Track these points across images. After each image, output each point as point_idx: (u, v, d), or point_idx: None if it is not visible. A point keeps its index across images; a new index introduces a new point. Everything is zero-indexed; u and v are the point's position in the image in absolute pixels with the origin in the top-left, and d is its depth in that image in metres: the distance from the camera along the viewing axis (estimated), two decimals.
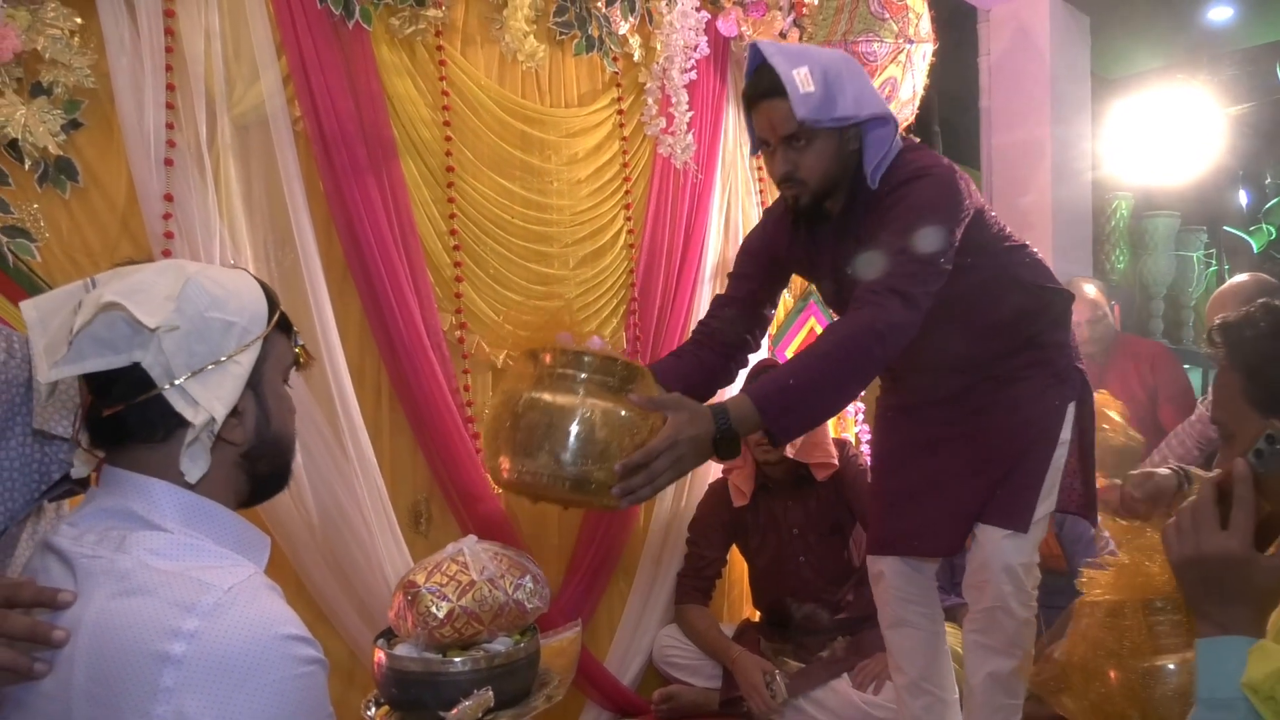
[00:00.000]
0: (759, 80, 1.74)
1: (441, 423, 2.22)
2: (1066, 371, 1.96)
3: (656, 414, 1.45)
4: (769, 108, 1.74)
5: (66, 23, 1.75)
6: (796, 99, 1.68)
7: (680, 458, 1.44)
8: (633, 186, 2.71)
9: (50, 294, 1.02)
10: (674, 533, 2.79)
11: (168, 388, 0.97)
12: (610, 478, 1.40)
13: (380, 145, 2.15)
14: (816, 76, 1.69)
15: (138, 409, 0.97)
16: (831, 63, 1.74)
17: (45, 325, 0.97)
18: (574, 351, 1.48)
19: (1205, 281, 5.69)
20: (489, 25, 2.39)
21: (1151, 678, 1.53)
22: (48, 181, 1.77)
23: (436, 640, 1.81)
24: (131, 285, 0.96)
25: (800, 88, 1.68)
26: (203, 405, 0.97)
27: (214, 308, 1.00)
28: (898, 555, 2.03)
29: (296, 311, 2.05)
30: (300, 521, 2.03)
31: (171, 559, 0.94)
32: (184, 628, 0.87)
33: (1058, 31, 4.26)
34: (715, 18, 2.81)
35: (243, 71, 2.00)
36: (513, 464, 1.44)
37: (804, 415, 1.61)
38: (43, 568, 0.97)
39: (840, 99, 1.71)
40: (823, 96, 1.69)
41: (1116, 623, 1.61)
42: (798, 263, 1.97)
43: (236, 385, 1.00)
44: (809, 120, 1.68)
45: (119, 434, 0.99)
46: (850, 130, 1.75)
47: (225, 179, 1.97)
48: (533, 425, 1.41)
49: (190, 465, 0.99)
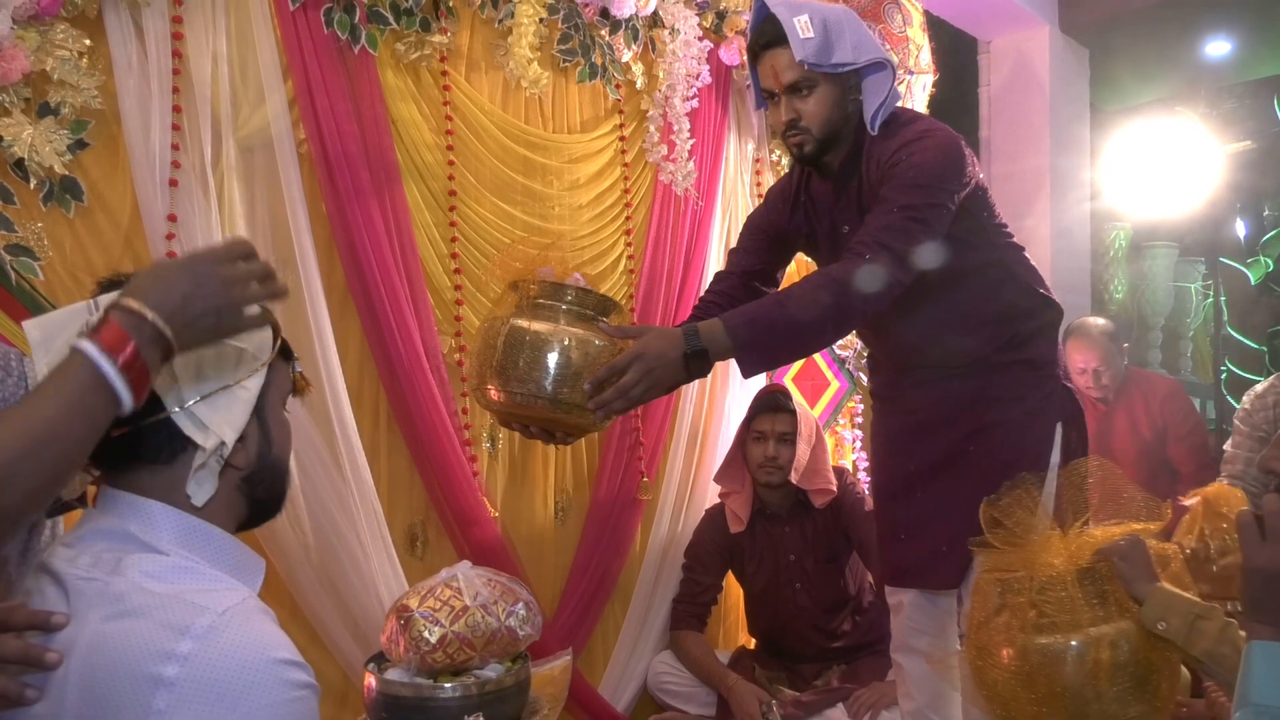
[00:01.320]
0: (762, 31, 1.82)
1: (439, 445, 2.22)
2: (1055, 392, 1.97)
3: (628, 340, 1.58)
4: (772, 57, 1.81)
5: (75, 44, 1.76)
6: (796, 43, 1.75)
7: (649, 370, 1.55)
8: (634, 212, 2.73)
9: (53, 314, 1.02)
10: (669, 558, 2.79)
11: (177, 411, 0.98)
12: (584, 397, 1.54)
13: (383, 168, 2.17)
14: (816, 24, 1.77)
15: (145, 431, 0.98)
16: (831, 12, 1.81)
17: (49, 345, 0.98)
18: (554, 284, 1.62)
19: (1203, 312, 5.71)
20: (494, 51, 2.41)
21: (1046, 655, 1.48)
22: (52, 200, 1.78)
23: (428, 665, 1.80)
24: None
25: (800, 33, 1.75)
26: (212, 429, 0.98)
27: None
28: (914, 588, 2.02)
29: (297, 332, 2.06)
30: (296, 543, 2.03)
31: (167, 581, 0.94)
32: (177, 650, 0.87)
33: (1057, 64, 4.30)
34: (717, 46, 2.84)
35: (249, 94, 2.01)
36: (497, 387, 1.57)
37: (773, 351, 1.67)
38: (37, 589, 0.97)
39: (839, 45, 1.78)
40: (822, 42, 1.76)
41: (1012, 600, 1.57)
42: (798, 234, 2.00)
43: (245, 410, 1.01)
44: (809, 62, 1.75)
45: (123, 455, 0.99)
46: (851, 78, 1.82)
47: (229, 200, 1.98)
48: (514, 350, 1.55)
49: (197, 489, 1.00)
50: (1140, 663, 1.46)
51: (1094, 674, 1.45)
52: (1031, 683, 1.49)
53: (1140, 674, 1.46)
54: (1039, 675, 1.48)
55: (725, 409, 2.93)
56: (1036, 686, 1.48)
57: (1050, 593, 1.52)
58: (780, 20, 1.76)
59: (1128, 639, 1.46)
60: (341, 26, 2.09)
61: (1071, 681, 1.45)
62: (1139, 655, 1.46)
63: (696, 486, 2.87)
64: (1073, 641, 1.47)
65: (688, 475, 2.86)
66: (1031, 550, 1.57)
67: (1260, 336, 5.38)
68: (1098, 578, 1.51)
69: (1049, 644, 1.48)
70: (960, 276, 1.85)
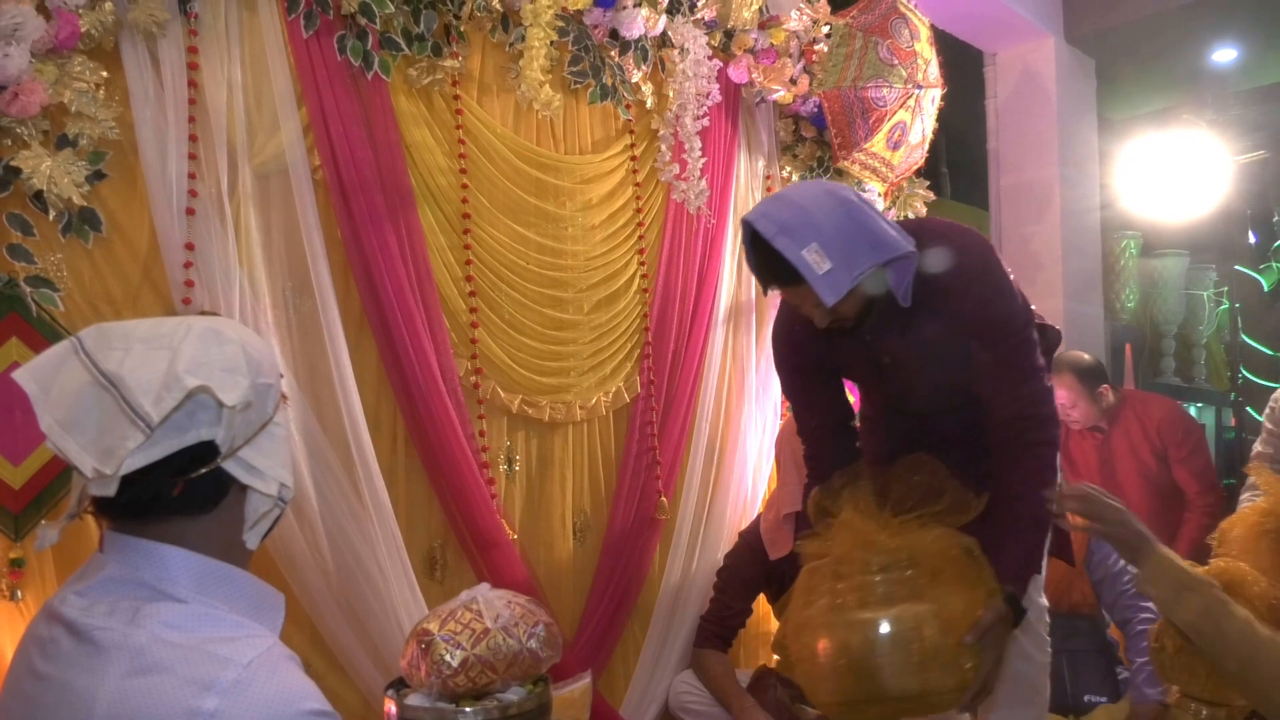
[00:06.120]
0: (773, 269, 1.68)
1: (457, 468, 2.22)
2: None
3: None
4: (792, 293, 1.74)
5: (93, 76, 1.78)
6: (819, 285, 1.61)
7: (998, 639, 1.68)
8: (646, 232, 2.73)
9: (39, 362, 0.96)
10: (689, 578, 2.77)
11: (229, 460, 0.95)
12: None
13: (398, 193, 2.18)
14: (829, 247, 1.61)
15: (193, 484, 0.95)
16: (834, 222, 1.65)
17: (48, 395, 0.93)
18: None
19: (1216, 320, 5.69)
20: (505, 75, 2.42)
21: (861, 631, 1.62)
22: (71, 231, 1.79)
23: (450, 689, 1.79)
24: (195, 361, 0.93)
25: (817, 270, 1.60)
26: (269, 474, 0.96)
27: (260, 373, 0.99)
28: None
29: (314, 358, 2.06)
30: (315, 568, 2.02)
31: (187, 631, 0.91)
32: (204, 707, 0.85)
33: (1063, 74, 4.31)
34: (727, 65, 2.85)
35: (264, 122, 2.02)
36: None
37: (1038, 555, 1.83)
38: (50, 638, 0.95)
39: (858, 256, 1.64)
40: (842, 267, 1.61)
41: (831, 585, 1.69)
42: (832, 358, 1.98)
43: (287, 447, 1.00)
44: (839, 298, 1.63)
45: (160, 509, 0.96)
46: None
47: (245, 227, 1.99)
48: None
49: (254, 535, 0.98)
50: (935, 644, 1.61)
51: (889, 651, 1.60)
52: (835, 663, 1.64)
53: (931, 652, 1.60)
54: (840, 653, 1.63)
55: (742, 427, 2.92)
56: (838, 665, 1.63)
57: (854, 578, 1.67)
58: (790, 260, 1.61)
59: (921, 620, 1.61)
60: (354, 53, 2.10)
61: (865, 657, 1.61)
62: (932, 637, 1.61)
63: (714, 505, 2.86)
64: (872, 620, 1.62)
65: (705, 494, 2.84)
66: (848, 540, 1.70)
67: (1275, 343, 5.36)
68: (899, 566, 1.65)
69: (849, 622, 1.63)
70: None
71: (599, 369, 2.61)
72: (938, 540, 1.68)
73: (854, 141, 2.98)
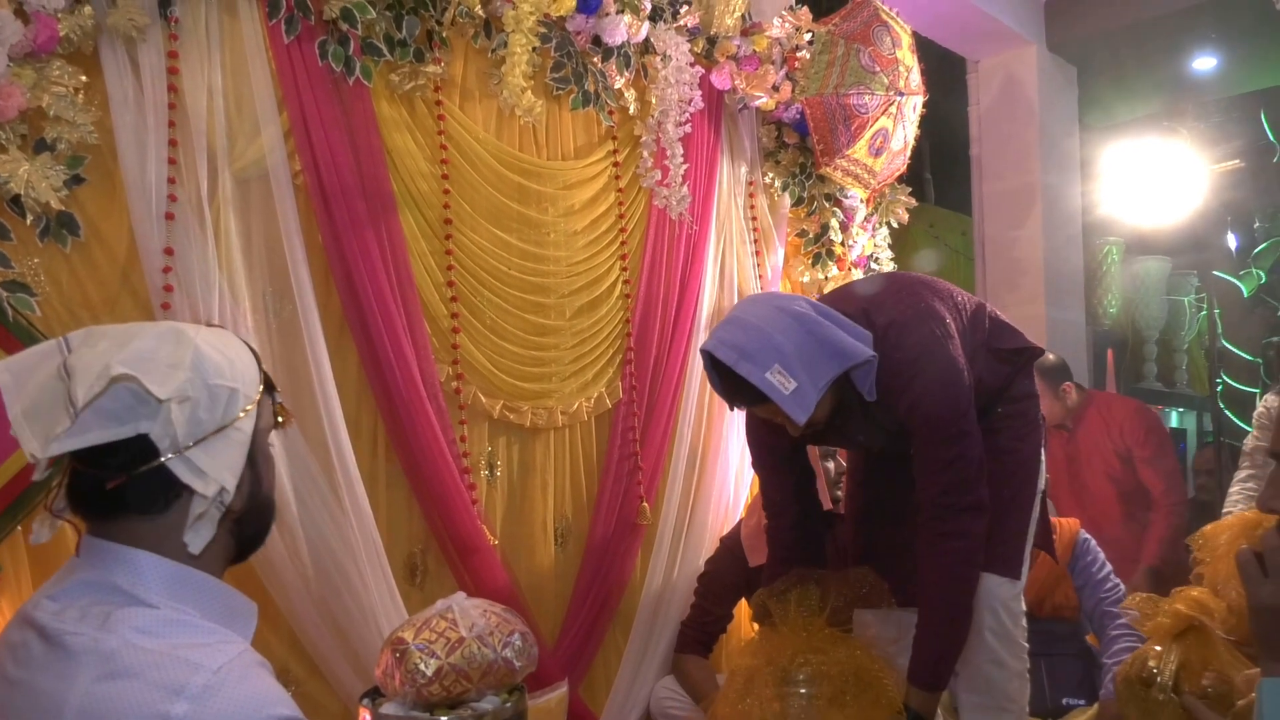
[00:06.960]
0: (739, 393, 1.77)
1: (438, 474, 2.22)
2: (1037, 419, 2.08)
3: None
4: (761, 410, 1.83)
5: (71, 80, 1.77)
6: (786, 405, 1.68)
7: None
8: (628, 238, 2.73)
9: (22, 356, 0.98)
10: (670, 584, 2.78)
11: (171, 458, 0.95)
12: None
13: (379, 198, 2.18)
14: (789, 367, 1.67)
15: (139, 480, 0.95)
16: (792, 340, 1.70)
17: (21, 388, 0.95)
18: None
19: (1198, 325, 5.74)
20: (487, 80, 2.42)
21: None
22: (49, 236, 1.78)
23: (424, 698, 1.79)
24: (136, 353, 0.95)
25: (783, 390, 1.66)
26: (211, 475, 0.96)
27: (217, 375, 0.99)
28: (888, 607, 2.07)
29: (294, 363, 2.05)
30: (295, 574, 2.01)
31: (158, 636, 0.91)
32: (174, 712, 0.85)
33: (1045, 82, 4.35)
34: (709, 72, 2.86)
35: (244, 127, 2.02)
36: None
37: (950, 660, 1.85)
38: (22, 643, 0.94)
39: (820, 369, 1.71)
40: (807, 384, 1.68)
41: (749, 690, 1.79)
42: (805, 440, 2.06)
43: (241, 452, 0.99)
44: (809, 414, 1.71)
45: (114, 506, 0.96)
46: None
47: (225, 232, 1.98)
48: None
49: (195, 538, 0.97)
50: None
51: None
52: None
53: None
54: None
55: (724, 433, 2.93)
56: None
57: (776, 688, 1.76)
58: (755, 384, 1.67)
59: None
60: (336, 59, 2.10)
61: None
62: None
63: (696, 511, 2.86)
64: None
65: (687, 500, 2.85)
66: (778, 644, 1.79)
67: (1254, 348, 5.41)
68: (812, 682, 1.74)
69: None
70: None
71: (581, 374, 2.61)
72: (855, 659, 1.78)
73: (836, 148, 2.99)
